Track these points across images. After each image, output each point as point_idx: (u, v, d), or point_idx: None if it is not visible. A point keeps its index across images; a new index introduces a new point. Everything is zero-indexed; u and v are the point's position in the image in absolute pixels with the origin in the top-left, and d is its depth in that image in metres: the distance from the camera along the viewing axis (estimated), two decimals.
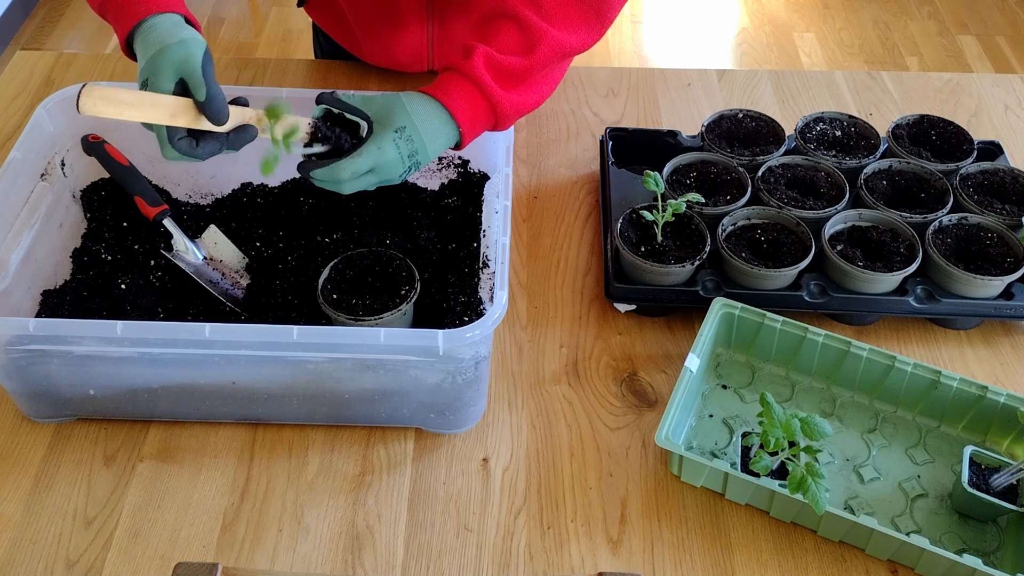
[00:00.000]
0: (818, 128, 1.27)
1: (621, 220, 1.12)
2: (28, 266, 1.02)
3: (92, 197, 1.13)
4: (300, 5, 1.41)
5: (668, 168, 1.20)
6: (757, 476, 0.90)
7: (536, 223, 1.24)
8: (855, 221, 1.14)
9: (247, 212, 1.15)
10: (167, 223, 1.07)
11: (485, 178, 1.15)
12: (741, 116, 1.28)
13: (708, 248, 1.09)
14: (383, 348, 0.88)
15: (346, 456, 0.98)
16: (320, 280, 1.00)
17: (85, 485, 0.95)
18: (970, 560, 0.83)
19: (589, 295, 1.15)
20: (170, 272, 1.08)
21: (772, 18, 3.46)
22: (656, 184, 1.07)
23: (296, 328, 0.86)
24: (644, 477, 0.97)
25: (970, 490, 0.90)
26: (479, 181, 1.15)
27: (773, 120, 1.27)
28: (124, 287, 1.04)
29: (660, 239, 1.11)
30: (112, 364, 0.92)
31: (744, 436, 0.94)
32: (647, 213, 1.10)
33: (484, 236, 1.05)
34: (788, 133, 1.26)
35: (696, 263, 1.08)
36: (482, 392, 0.99)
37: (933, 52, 3.28)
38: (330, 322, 0.99)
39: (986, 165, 1.22)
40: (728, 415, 1.02)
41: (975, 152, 1.24)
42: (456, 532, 0.92)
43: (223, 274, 1.08)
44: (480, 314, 0.98)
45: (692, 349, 1.00)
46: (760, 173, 1.19)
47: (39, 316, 1.03)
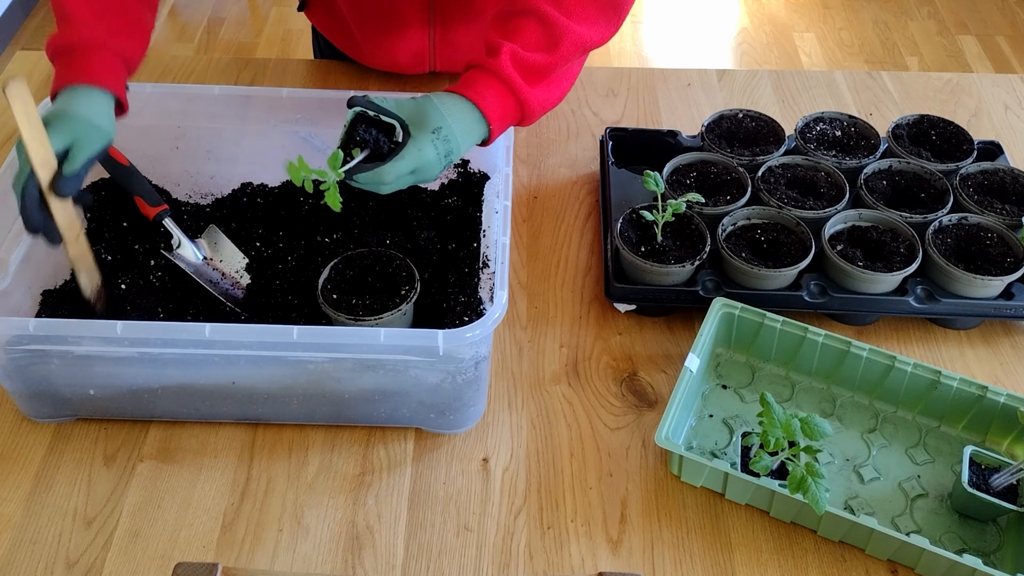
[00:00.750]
0: (818, 128, 1.27)
1: (621, 220, 1.12)
2: (28, 266, 1.02)
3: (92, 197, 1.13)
4: (300, 9, 1.41)
5: (668, 168, 1.20)
6: (757, 476, 0.90)
7: (536, 223, 1.24)
8: (855, 221, 1.14)
9: (247, 212, 1.15)
10: (167, 223, 1.07)
11: (485, 178, 1.15)
12: (741, 116, 1.28)
13: (708, 248, 1.09)
14: (383, 348, 0.88)
15: (346, 456, 0.98)
16: (320, 280, 1.00)
17: (85, 485, 0.95)
18: (970, 560, 0.83)
19: (589, 295, 1.15)
20: (170, 272, 1.08)
21: (772, 18, 3.46)
22: (656, 184, 1.07)
23: (296, 328, 0.86)
24: (644, 477, 0.97)
25: (970, 490, 0.90)
26: (479, 181, 1.15)
27: (773, 120, 1.27)
28: (124, 287, 1.04)
29: (660, 239, 1.11)
30: (112, 364, 0.92)
31: (744, 436, 0.94)
32: (647, 213, 1.10)
33: (484, 236, 1.05)
34: (788, 133, 1.26)
35: (696, 263, 1.08)
36: (482, 392, 0.99)
37: (933, 52, 3.28)
38: (330, 322, 0.99)
39: (986, 165, 1.22)
40: (728, 415, 1.02)
41: (975, 152, 1.24)
42: (456, 532, 0.92)
43: (223, 274, 1.08)
44: (480, 314, 0.98)
45: (692, 349, 1.00)
46: (760, 173, 1.19)
47: (39, 316, 1.03)
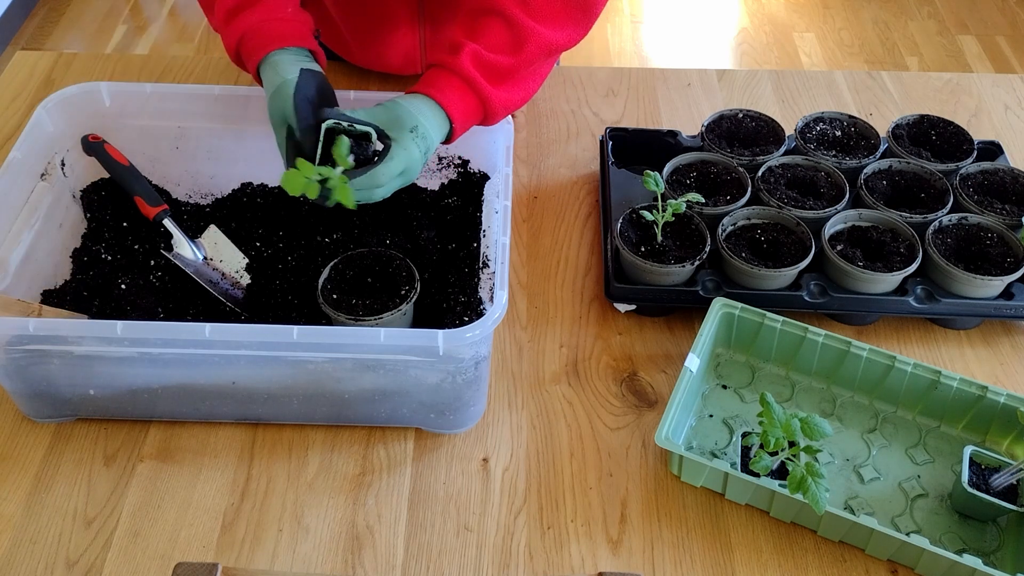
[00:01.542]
0: (818, 128, 1.27)
1: (621, 220, 1.12)
2: (28, 266, 1.02)
3: (92, 197, 1.13)
4: None
5: (668, 168, 1.20)
6: (757, 476, 0.90)
7: (536, 223, 1.24)
8: (855, 221, 1.14)
9: (247, 212, 1.15)
10: (167, 223, 1.07)
11: (485, 178, 1.15)
12: (741, 116, 1.28)
13: (708, 248, 1.09)
14: (383, 348, 0.88)
15: (346, 456, 0.98)
16: (320, 280, 1.00)
17: (85, 485, 0.95)
18: (970, 560, 0.83)
19: (589, 295, 1.15)
20: (170, 272, 1.08)
21: (772, 18, 3.46)
22: (656, 184, 1.07)
23: (296, 328, 0.86)
24: (644, 477, 0.97)
25: (970, 490, 0.90)
26: (479, 181, 1.15)
27: (773, 120, 1.27)
28: (124, 287, 1.04)
29: (660, 239, 1.11)
30: (112, 364, 0.92)
31: (744, 436, 0.94)
32: (647, 213, 1.10)
33: (484, 236, 1.05)
34: (788, 133, 1.26)
35: (696, 263, 1.08)
36: (482, 392, 0.99)
37: (933, 52, 3.28)
38: (330, 322, 0.99)
39: (986, 165, 1.22)
40: (728, 415, 1.02)
41: (975, 152, 1.24)
42: (456, 532, 0.92)
43: (223, 274, 1.08)
44: (480, 314, 0.98)
45: (692, 349, 1.00)
46: (760, 173, 1.19)
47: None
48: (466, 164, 1.17)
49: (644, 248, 1.11)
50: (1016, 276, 1.08)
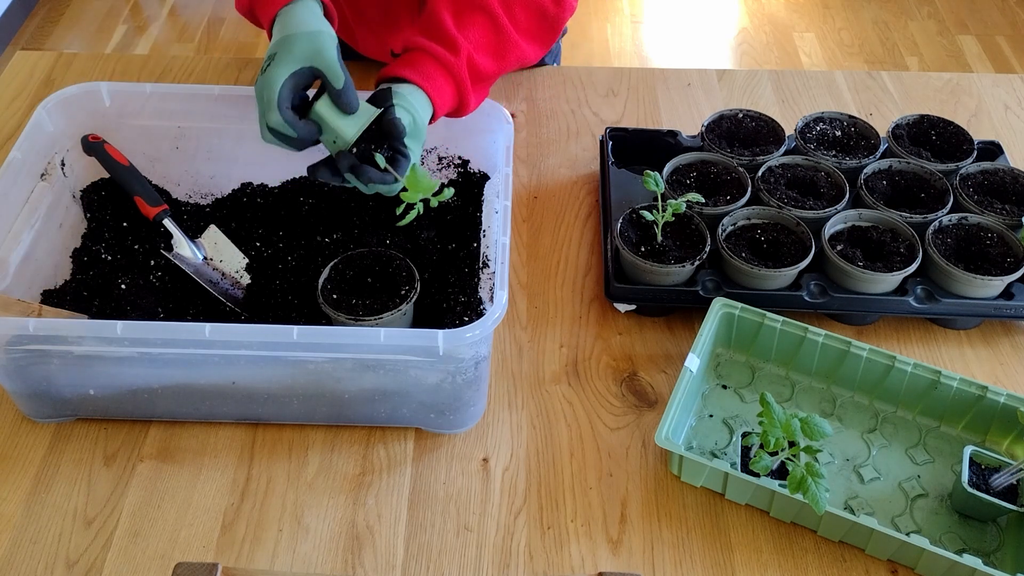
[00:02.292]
0: (818, 128, 1.27)
1: (621, 220, 1.12)
2: (28, 266, 1.02)
3: (92, 197, 1.13)
4: None
5: (668, 168, 1.20)
6: (757, 476, 0.90)
7: (536, 223, 1.24)
8: (855, 221, 1.14)
9: (247, 212, 1.15)
10: (167, 223, 1.07)
11: (485, 178, 1.15)
12: (741, 116, 1.28)
13: (708, 248, 1.09)
14: (383, 348, 0.88)
15: (346, 456, 0.98)
16: (320, 280, 1.00)
17: (85, 485, 0.95)
18: (970, 560, 0.83)
19: (589, 295, 1.15)
20: (170, 272, 1.08)
21: (772, 18, 3.46)
22: (656, 184, 1.07)
23: (296, 328, 0.86)
24: (644, 477, 0.97)
25: (970, 490, 0.90)
26: (479, 181, 1.15)
27: (773, 120, 1.27)
28: (124, 287, 1.04)
29: (660, 239, 1.11)
30: (112, 364, 0.92)
31: (744, 436, 0.94)
32: (647, 213, 1.10)
33: (484, 236, 1.05)
34: (788, 133, 1.26)
35: (696, 263, 1.08)
36: (482, 392, 0.99)
37: (933, 52, 3.28)
38: (330, 322, 0.99)
39: (986, 165, 1.22)
40: (728, 415, 1.02)
41: (975, 152, 1.24)
42: (456, 532, 0.92)
43: (223, 274, 1.08)
44: (480, 314, 0.98)
45: (692, 349, 1.00)
46: (760, 173, 1.19)
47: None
48: (466, 164, 1.17)
49: (644, 248, 1.11)
50: (1016, 276, 1.08)
